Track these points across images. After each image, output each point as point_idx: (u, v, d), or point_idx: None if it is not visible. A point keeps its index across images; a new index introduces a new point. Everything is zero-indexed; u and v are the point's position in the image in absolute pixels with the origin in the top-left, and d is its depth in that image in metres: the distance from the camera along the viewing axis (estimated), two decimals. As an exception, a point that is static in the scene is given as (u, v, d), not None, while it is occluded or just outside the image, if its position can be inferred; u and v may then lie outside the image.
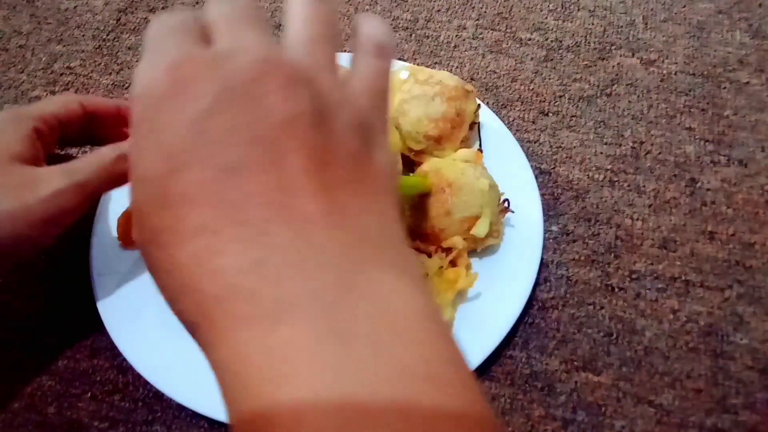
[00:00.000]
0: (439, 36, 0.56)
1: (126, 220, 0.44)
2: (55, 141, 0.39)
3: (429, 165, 0.42)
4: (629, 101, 0.52)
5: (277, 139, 0.21)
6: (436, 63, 0.54)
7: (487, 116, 0.48)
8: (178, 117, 0.21)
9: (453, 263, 0.40)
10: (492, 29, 0.57)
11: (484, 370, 0.40)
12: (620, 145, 0.50)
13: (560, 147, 0.49)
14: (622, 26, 0.57)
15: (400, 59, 0.53)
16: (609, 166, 0.49)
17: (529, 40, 0.56)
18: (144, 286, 0.41)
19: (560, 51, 0.55)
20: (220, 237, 0.20)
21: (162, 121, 0.21)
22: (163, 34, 0.22)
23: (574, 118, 0.51)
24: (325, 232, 0.20)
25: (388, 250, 0.22)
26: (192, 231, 0.20)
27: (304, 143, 0.21)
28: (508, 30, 0.56)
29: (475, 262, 0.42)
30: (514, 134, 0.47)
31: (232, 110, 0.21)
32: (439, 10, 0.58)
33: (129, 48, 0.56)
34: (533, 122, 0.51)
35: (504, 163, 0.45)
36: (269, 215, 0.20)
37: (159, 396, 0.39)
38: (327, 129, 0.22)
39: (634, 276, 0.44)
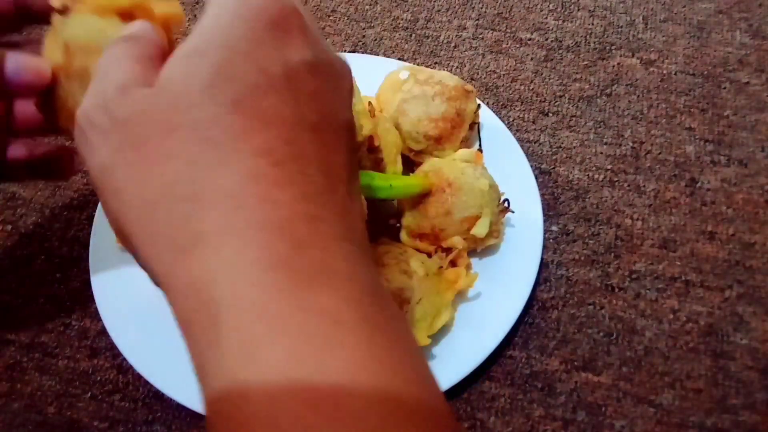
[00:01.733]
0: (439, 36, 0.56)
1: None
2: None
3: (429, 165, 0.42)
4: (629, 101, 0.52)
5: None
6: (436, 63, 0.54)
7: (487, 116, 0.48)
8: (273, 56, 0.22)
9: (453, 263, 0.40)
10: (492, 29, 0.57)
11: (484, 370, 0.40)
12: (620, 145, 0.50)
13: (560, 147, 0.49)
14: (622, 26, 0.57)
15: (400, 59, 0.53)
16: (609, 166, 0.49)
17: (529, 40, 0.56)
18: (144, 286, 0.41)
19: (560, 51, 0.55)
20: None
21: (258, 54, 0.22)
22: None
23: (574, 118, 0.51)
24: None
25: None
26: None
27: None
28: (508, 30, 0.56)
29: (475, 262, 0.42)
30: (514, 134, 0.47)
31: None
32: (439, 10, 0.58)
33: (129, 48, 0.56)
34: (533, 122, 0.51)
35: (504, 163, 0.45)
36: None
37: (159, 396, 0.39)
38: None
39: (634, 276, 0.44)
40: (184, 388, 0.37)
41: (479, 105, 0.47)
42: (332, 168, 0.22)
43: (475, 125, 0.46)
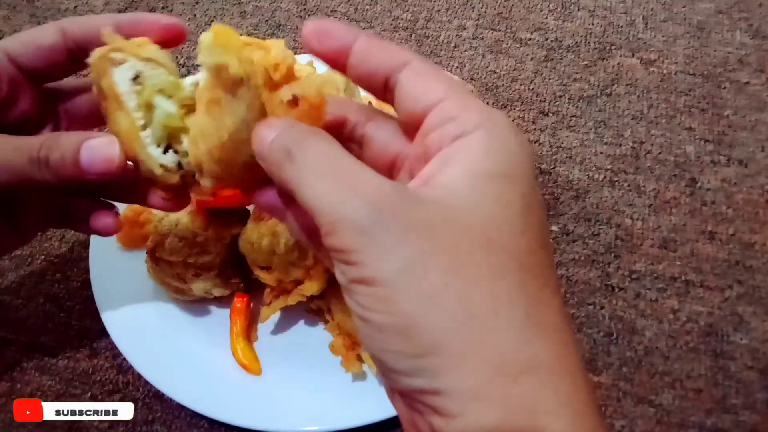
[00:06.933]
0: (439, 36, 0.56)
1: (126, 221, 0.44)
2: (14, 94, 0.32)
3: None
4: (629, 101, 0.52)
5: None
6: (436, 63, 0.54)
7: (487, 116, 0.48)
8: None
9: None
10: (492, 29, 0.56)
11: (484, 370, 0.40)
12: (620, 145, 0.50)
13: (560, 147, 0.49)
14: (622, 26, 0.57)
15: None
16: (609, 166, 0.49)
17: (529, 40, 0.56)
18: (143, 286, 0.41)
19: (560, 51, 0.55)
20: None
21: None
22: None
23: (574, 118, 0.51)
24: None
25: None
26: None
27: None
28: (508, 30, 0.56)
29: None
30: (514, 134, 0.47)
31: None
32: (439, 10, 0.58)
33: (129, 48, 0.56)
34: (533, 122, 0.51)
35: (504, 163, 0.45)
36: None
37: (159, 396, 0.39)
38: None
39: (634, 276, 0.44)
40: (184, 388, 0.37)
41: (479, 105, 0.46)
42: None
43: (475, 125, 0.46)
